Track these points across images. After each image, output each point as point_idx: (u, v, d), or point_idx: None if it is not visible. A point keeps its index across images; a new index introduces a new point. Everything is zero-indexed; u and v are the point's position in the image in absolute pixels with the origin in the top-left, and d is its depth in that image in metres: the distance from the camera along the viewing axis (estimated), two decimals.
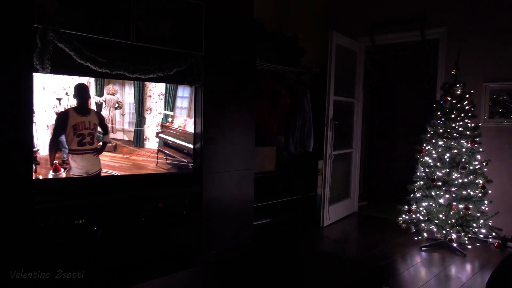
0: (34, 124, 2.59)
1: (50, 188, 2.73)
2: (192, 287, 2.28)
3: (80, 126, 2.82)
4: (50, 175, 2.76)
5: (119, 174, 3.05)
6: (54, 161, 2.76)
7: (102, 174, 2.98)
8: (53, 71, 2.57)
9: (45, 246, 2.54)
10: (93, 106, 2.92)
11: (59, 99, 2.74)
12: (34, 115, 2.58)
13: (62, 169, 2.81)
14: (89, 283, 2.70)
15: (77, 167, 2.83)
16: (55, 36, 2.53)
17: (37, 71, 2.50)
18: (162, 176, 3.27)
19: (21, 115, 2.40)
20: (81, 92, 2.81)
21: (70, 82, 2.78)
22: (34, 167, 2.64)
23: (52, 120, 2.72)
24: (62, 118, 2.75)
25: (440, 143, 3.91)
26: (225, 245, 3.57)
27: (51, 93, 2.70)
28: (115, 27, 2.83)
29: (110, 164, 3.03)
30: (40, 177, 2.71)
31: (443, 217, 3.81)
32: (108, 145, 3.00)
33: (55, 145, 2.73)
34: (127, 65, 2.89)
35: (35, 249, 2.47)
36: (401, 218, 4.13)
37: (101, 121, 2.94)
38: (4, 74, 2.31)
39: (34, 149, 2.61)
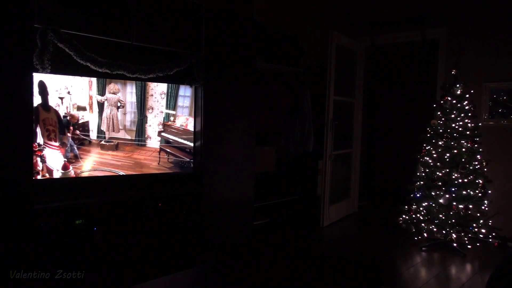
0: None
1: (50, 188, 2.73)
2: (192, 287, 2.28)
3: (47, 122, 2.76)
4: (59, 172, 2.78)
5: (119, 174, 3.05)
6: (64, 159, 2.79)
7: (102, 174, 2.98)
8: (53, 71, 2.58)
9: (45, 246, 2.54)
10: (95, 105, 2.94)
11: (61, 98, 2.75)
12: None
13: (71, 167, 2.82)
14: (89, 283, 2.70)
15: (50, 160, 2.79)
16: (55, 36, 2.53)
17: (37, 71, 2.51)
18: (162, 176, 3.27)
19: (21, 115, 2.40)
20: (41, 89, 2.72)
21: (72, 81, 2.78)
22: (41, 165, 2.67)
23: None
24: (35, 112, 2.68)
25: (440, 143, 3.91)
26: (225, 245, 3.57)
27: (53, 92, 2.71)
28: (115, 27, 2.83)
29: (113, 162, 3.04)
30: (47, 175, 2.73)
31: (443, 217, 3.81)
32: (112, 143, 3.02)
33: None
34: (127, 65, 2.89)
35: (35, 249, 2.47)
36: (401, 218, 4.13)
37: (59, 119, 2.81)
38: (4, 74, 2.31)
39: (40, 147, 2.64)
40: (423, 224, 3.95)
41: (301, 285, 2.74)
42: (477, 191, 3.78)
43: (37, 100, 2.64)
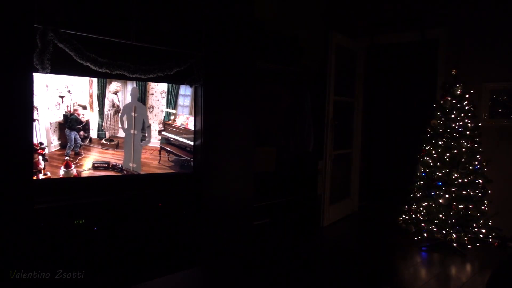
0: (37, 121, 2.61)
1: (51, 187, 2.74)
2: (192, 287, 2.29)
3: None
4: (62, 171, 2.79)
5: (119, 173, 3.06)
6: (66, 157, 2.80)
7: (103, 173, 2.98)
8: (53, 71, 2.58)
9: (45, 246, 2.55)
10: (95, 104, 2.95)
11: (61, 97, 2.75)
12: (37, 113, 2.59)
13: (73, 165, 2.82)
14: (89, 283, 2.70)
15: None
16: (55, 36, 2.53)
17: (37, 71, 2.51)
18: (162, 175, 3.27)
19: (21, 115, 2.40)
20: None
21: (72, 80, 2.79)
22: (43, 163, 2.69)
23: (55, 117, 2.75)
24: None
25: (440, 143, 3.91)
26: (225, 245, 3.57)
27: (54, 91, 2.71)
28: (115, 27, 2.83)
29: (114, 161, 3.04)
30: (49, 173, 2.74)
31: (443, 217, 3.81)
32: (113, 142, 3.05)
33: None
34: (127, 65, 2.90)
35: (35, 249, 2.47)
36: (401, 218, 4.13)
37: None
38: (4, 74, 2.31)
39: (42, 146, 2.65)
40: (423, 224, 3.95)
41: (301, 285, 2.74)
42: (477, 191, 3.77)
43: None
